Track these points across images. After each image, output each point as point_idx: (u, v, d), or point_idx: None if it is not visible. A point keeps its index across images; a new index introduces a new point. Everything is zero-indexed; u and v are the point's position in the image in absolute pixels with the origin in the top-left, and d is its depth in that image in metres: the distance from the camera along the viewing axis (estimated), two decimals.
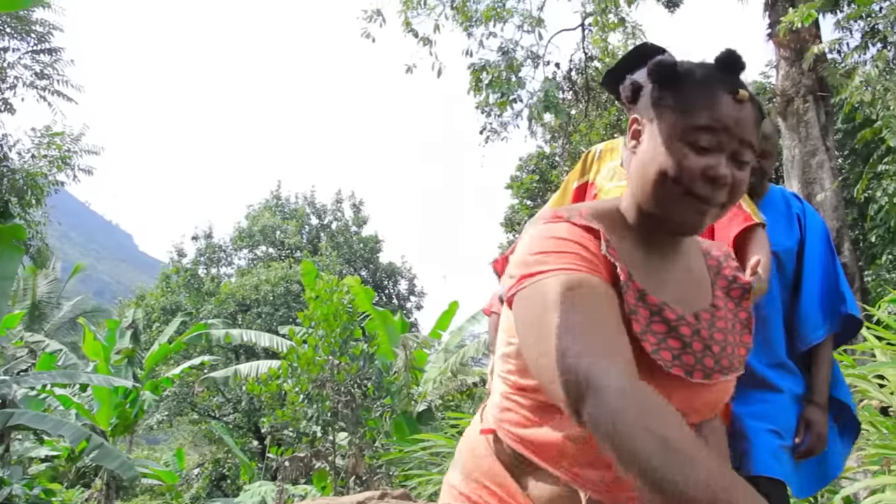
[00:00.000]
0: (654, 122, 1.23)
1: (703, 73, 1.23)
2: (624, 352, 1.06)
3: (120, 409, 13.59)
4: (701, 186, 1.19)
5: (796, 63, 9.10)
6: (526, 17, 10.87)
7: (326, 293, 10.05)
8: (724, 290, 1.39)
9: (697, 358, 1.23)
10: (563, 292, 1.09)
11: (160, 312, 23.60)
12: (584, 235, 1.19)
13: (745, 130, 1.21)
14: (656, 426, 0.93)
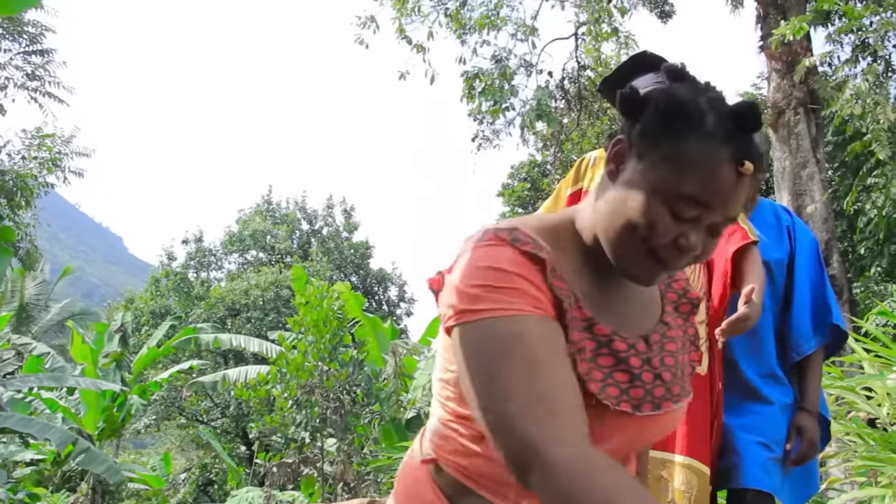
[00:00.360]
0: (641, 162, 1.11)
1: (713, 123, 1.07)
2: (572, 408, 1.00)
3: (107, 412, 13.52)
4: (667, 252, 1.10)
5: (788, 75, 9.15)
6: (519, 26, 10.90)
7: (316, 299, 10.03)
8: (673, 305, 1.32)
9: (647, 390, 1.16)
10: (506, 340, 1.02)
11: (149, 316, 23.52)
12: (528, 266, 1.09)
13: (734, 208, 1.10)
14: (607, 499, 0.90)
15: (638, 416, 1.14)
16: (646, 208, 1.08)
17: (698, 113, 1.08)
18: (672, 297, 1.32)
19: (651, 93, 1.14)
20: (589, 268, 1.19)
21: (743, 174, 1.07)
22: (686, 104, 1.09)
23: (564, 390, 1.02)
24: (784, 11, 9.39)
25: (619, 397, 1.12)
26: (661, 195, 1.08)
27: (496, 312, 1.04)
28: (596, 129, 14.63)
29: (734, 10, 11.72)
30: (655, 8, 12.70)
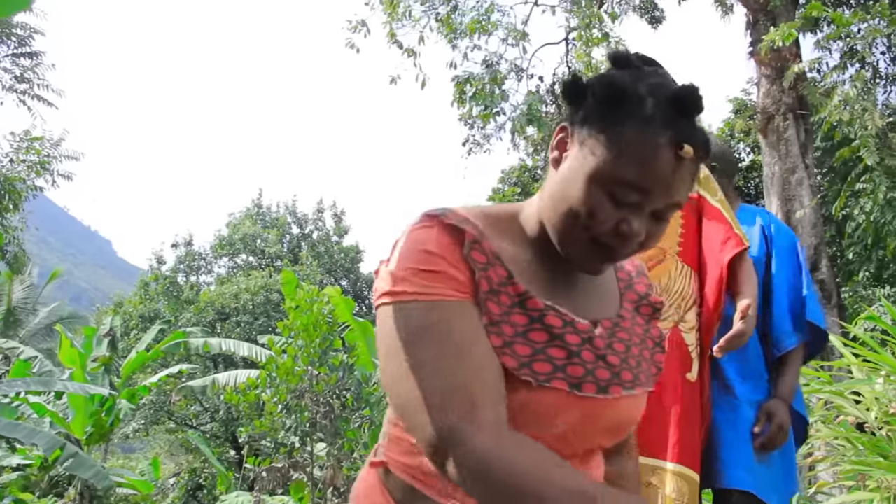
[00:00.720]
0: (582, 149, 1.10)
1: (652, 107, 1.05)
2: (490, 394, 1.01)
3: (95, 417, 13.44)
4: (610, 238, 1.09)
5: (777, 81, 9.21)
6: (510, 31, 10.93)
7: (306, 303, 10.01)
8: (633, 305, 1.30)
9: (587, 369, 1.12)
10: (423, 326, 1.03)
11: (138, 320, 23.41)
12: (450, 243, 1.09)
13: (677, 193, 1.09)
14: (527, 479, 0.92)
15: (580, 397, 1.11)
16: (586, 195, 1.07)
17: (637, 98, 1.07)
18: (632, 297, 1.31)
19: (591, 79, 1.13)
20: (538, 257, 1.18)
21: (683, 158, 1.06)
22: (624, 90, 1.08)
23: (481, 377, 1.01)
24: (773, 18, 9.46)
25: (550, 374, 1.09)
26: (601, 181, 1.07)
27: (417, 297, 1.05)
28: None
29: (724, 16, 11.79)
30: (646, 14, 12.77)
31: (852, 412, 4.08)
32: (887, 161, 8.31)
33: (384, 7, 10.64)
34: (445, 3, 10.68)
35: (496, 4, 10.84)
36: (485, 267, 1.10)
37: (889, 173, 8.50)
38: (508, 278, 1.11)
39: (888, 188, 8.42)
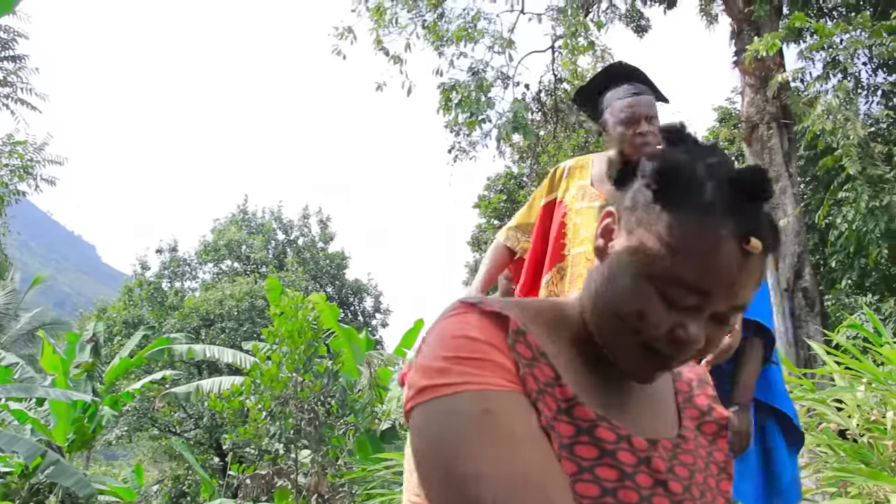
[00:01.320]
0: (630, 240, 0.95)
1: (712, 192, 0.90)
2: (565, 497, 0.85)
3: (78, 424, 13.33)
4: (663, 345, 0.94)
5: (761, 90, 9.29)
6: (496, 39, 10.96)
7: (291, 309, 9.99)
8: (694, 422, 1.10)
9: (643, 496, 0.93)
10: (474, 416, 0.85)
11: (122, 326, 23.25)
12: (495, 330, 0.94)
13: (742, 293, 0.92)
14: None
15: None
16: (635, 295, 0.92)
17: (694, 181, 0.92)
18: (692, 414, 1.11)
19: (647, 160, 0.98)
20: (584, 359, 1.01)
21: (749, 252, 0.90)
22: (679, 171, 0.93)
23: (550, 473, 0.86)
24: (757, 28, 9.54)
25: (597, 499, 0.91)
26: (653, 280, 0.91)
27: (461, 387, 0.88)
28: (572, 142, 14.71)
29: (709, 26, 11.88)
30: (631, 22, 12.83)
31: (834, 419, 4.11)
32: (869, 170, 8.38)
33: (371, 14, 10.65)
34: (432, 11, 10.70)
35: (483, 12, 10.87)
36: (530, 363, 0.94)
37: (871, 182, 8.57)
38: (555, 379, 0.95)
39: (870, 197, 8.49)
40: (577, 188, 2.82)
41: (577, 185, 2.82)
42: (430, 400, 0.89)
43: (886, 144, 9.11)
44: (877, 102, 10.36)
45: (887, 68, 9.96)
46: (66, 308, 79.23)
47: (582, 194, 2.79)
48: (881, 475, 3.44)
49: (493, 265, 2.97)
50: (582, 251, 2.72)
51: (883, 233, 8.54)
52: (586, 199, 2.77)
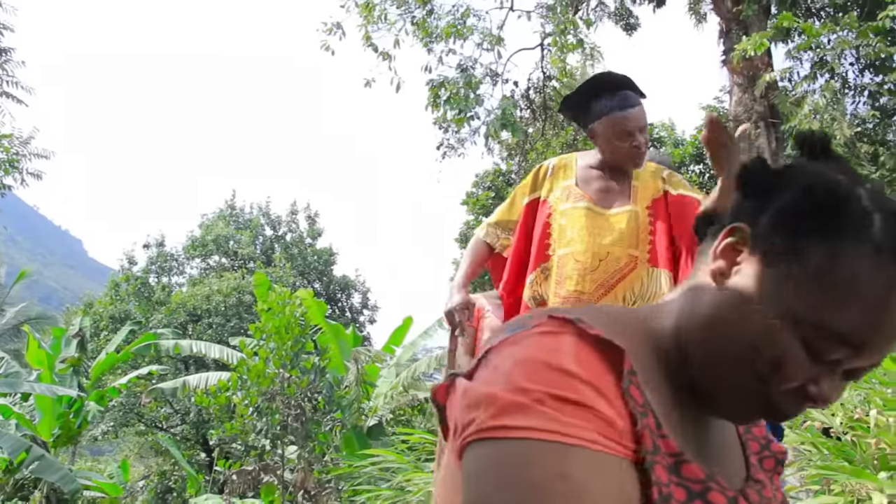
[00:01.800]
0: (770, 271, 0.77)
1: (883, 230, 0.74)
2: None
3: (63, 419, 13.29)
4: (786, 400, 0.78)
5: (749, 89, 9.32)
6: (486, 36, 10.95)
7: (278, 305, 9.97)
8: (757, 458, 0.95)
9: None
10: (542, 481, 0.66)
11: (108, 321, 23.15)
12: (598, 364, 0.73)
13: (892, 347, 0.76)
14: None
15: None
16: (774, 339, 0.76)
17: (862, 213, 0.74)
18: (754, 448, 0.96)
19: (793, 171, 0.81)
20: (668, 387, 0.83)
21: None
22: (843, 197, 0.75)
23: None
24: (746, 27, 9.58)
25: None
26: (799, 326, 0.75)
27: (540, 434, 0.68)
28: (561, 140, 14.73)
29: (698, 25, 11.92)
30: (621, 20, 12.86)
31: (818, 417, 4.13)
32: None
33: (360, 10, 10.63)
34: (421, 7, 10.68)
35: (472, 9, 10.87)
36: (644, 412, 0.75)
37: None
38: (658, 428, 0.77)
39: None
40: (562, 189, 2.82)
41: (562, 186, 2.83)
42: (496, 440, 0.70)
43: (872, 144, 9.17)
44: (863, 103, 10.41)
45: (874, 69, 10.01)
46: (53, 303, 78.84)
47: (567, 195, 2.79)
48: (864, 473, 3.46)
49: (474, 260, 2.96)
50: (568, 252, 2.71)
51: None
52: (571, 199, 2.77)
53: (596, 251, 2.66)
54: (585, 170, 2.84)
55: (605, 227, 2.70)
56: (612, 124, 2.68)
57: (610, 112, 2.68)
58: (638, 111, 2.68)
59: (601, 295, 2.63)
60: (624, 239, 2.68)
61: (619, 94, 2.69)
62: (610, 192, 2.78)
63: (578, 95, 2.83)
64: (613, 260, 2.66)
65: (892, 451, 3.61)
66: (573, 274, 2.66)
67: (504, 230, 2.96)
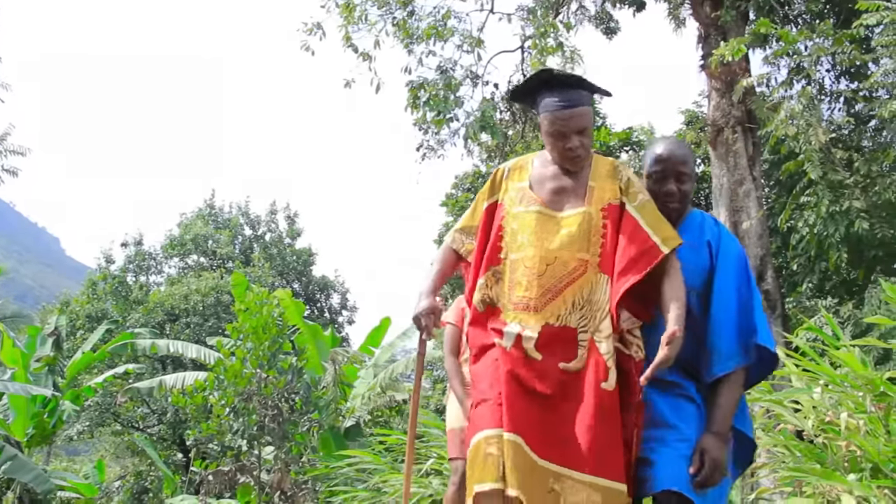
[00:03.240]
0: None
1: None
2: None
3: (37, 418, 13.17)
4: None
5: (727, 94, 9.39)
6: (466, 38, 10.95)
7: (256, 305, 9.94)
8: None
9: None
10: None
11: (85, 320, 22.97)
12: None
13: None
14: None
15: None
16: None
17: None
18: None
19: None
20: None
21: None
22: None
23: None
24: (724, 33, 9.64)
25: None
26: None
27: None
28: (540, 142, 14.73)
29: (677, 30, 11.98)
30: (601, 24, 12.89)
31: (791, 420, 4.18)
32: (830, 175, 8.50)
33: (340, 10, 10.60)
34: (402, 8, 10.67)
35: (453, 10, 10.85)
36: None
37: (832, 187, 8.70)
38: None
39: (830, 202, 8.61)
40: (516, 190, 2.81)
41: (516, 188, 2.82)
42: None
43: (847, 150, 9.24)
44: (839, 109, 10.51)
45: (849, 76, 10.10)
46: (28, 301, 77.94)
47: (520, 197, 2.78)
48: (834, 475, 3.51)
49: (442, 266, 2.94)
50: (519, 258, 2.69)
51: (842, 237, 8.66)
52: (524, 202, 2.76)
53: (544, 255, 2.63)
54: (540, 169, 2.82)
55: (554, 231, 2.67)
56: (549, 122, 2.69)
57: (548, 110, 2.68)
58: (578, 112, 2.66)
59: (548, 300, 2.60)
60: (574, 242, 2.64)
61: (564, 93, 2.67)
62: (563, 193, 2.74)
63: (526, 87, 2.85)
64: (561, 264, 2.62)
65: (862, 454, 3.66)
66: (522, 279, 2.65)
67: (468, 235, 2.94)
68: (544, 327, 2.59)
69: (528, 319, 2.61)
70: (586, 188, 2.74)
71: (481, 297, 2.76)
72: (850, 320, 10.63)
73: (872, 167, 9.02)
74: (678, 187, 2.76)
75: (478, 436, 2.53)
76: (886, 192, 8.74)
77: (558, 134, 2.67)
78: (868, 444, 3.60)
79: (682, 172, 2.76)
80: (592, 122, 2.72)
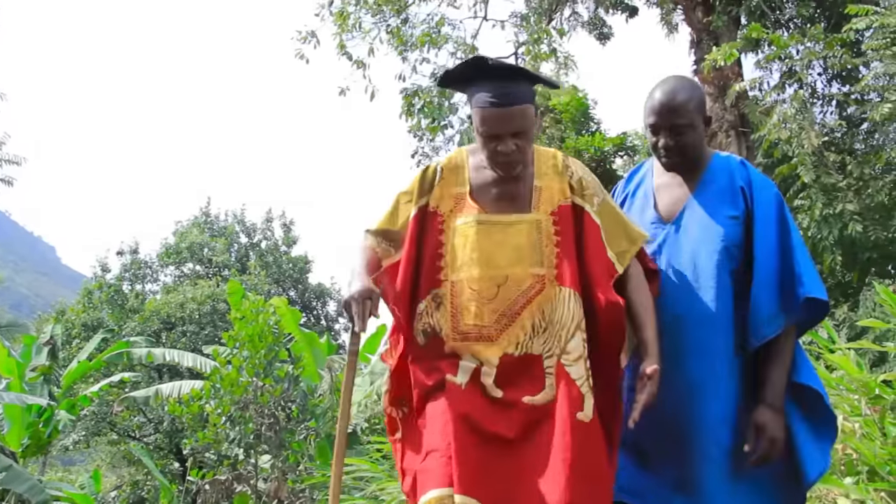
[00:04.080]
0: None
1: None
2: None
3: (32, 428, 13.12)
4: None
5: (720, 99, 9.44)
6: (460, 45, 11.00)
7: (252, 313, 9.92)
8: None
9: None
10: None
11: (81, 329, 22.91)
12: None
13: None
14: None
15: None
16: None
17: None
18: None
19: None
20: None
21: None
22: None
23: None
24: (716, 38, 9.70)
25: None
26: None
27: None
28: (543, 143, 14.78)
29: (669, 35, 12.05)
30: (594, 30, 12.95)
31: None
32: (823, 179, 8.55)
33: (334, 19, 10.64)
34: (396, 16, 10.72)
35: (446, 18, 10.92)
36: None
37: (825, 190, 8.74)
38: None
39: (824, 205, 8.65)
40: (454, 198, 2.40)
41: (454, 194, 2.41)
42: None
43: (840, 153, 9.31)
44: (831, 112, 10.58)
45: (841, 79, 10.17)
46: (24, 310, 77.84)
47: (460, 207, 2.38)
48: (830, 478, 3.51)
49: (368, 257, 2.46)
50: (463, 279, 2.31)
51: (836, 240, 8.70)
52: (464, 213, 2.37)
53: (493, 275, 2.27)
54: (478, 171, 2.41)
55: (501, 245, 2.29)
56: (479, 120, 2.26)
57: (479, 105, 2.25)
58: (515, 112, 2.22)
59: (504, 326, 2.25)
60: (524, 256, 2.28)
61: (499, 86, 2.23)
62: (506, 198, 2.36)
63: (458, 74, 2.40)
64: (514, 283, 2.27)
65: (858, 457, 3.67)
66: (470, 305, 2.28)
67: (389, 242, 2.48)
68: (503, 358, 2.24)
69: (484, 351, 2.25)
70: (532, 190, 2.37)
71: (422, 326, 2.35)
72: (845, 323, 10.64)
73: (865, 170, 9.06)
74: (675, 140, 2.44)
75: (425, 496, 2.13)
76: (879, 195, 8.78)
77: (489, 135, 2.25)
78: (864, 447, 3.60)
79: (676, 125, 2.42)
80: (534, 122, 2.29)
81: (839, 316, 11.15)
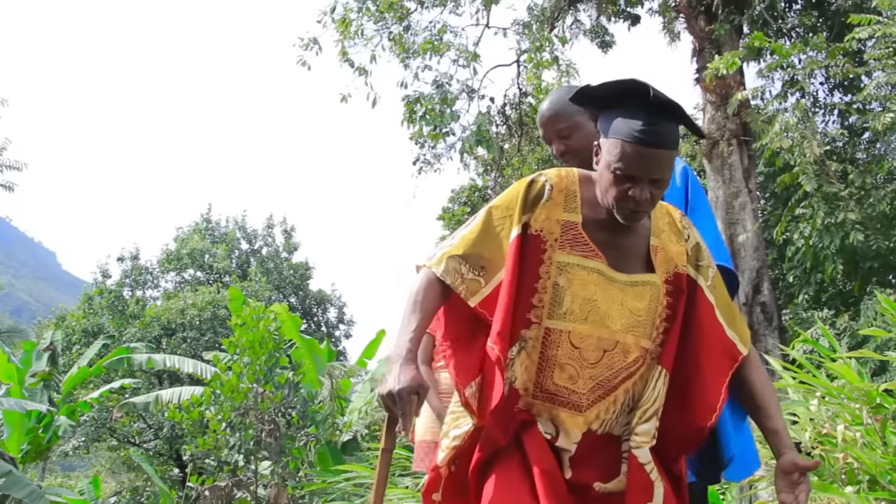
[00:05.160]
0: None
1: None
2: None
3: (32, 434, 13.10)
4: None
5: (722, 107, 9.45)
6: (462, 52, 11.02)
7: (252, 320, 9.93)
8: None
9: None
10: None
11: (81, 334, 22.90)
12: None
13: None
14: None
15: None
16: None
17: None
18: None
19: None
20: None
21: None
22: None
23: None
24: (718, 46, 9.71)
25: None
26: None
27: None
28: (536, 156, 14.80)
29: (671, 44, 12.04)
30: (596, 38, 12.96)
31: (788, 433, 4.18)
32: (825, 188, 8.54)
33: (336, 25, 10.67)
34: (398, 23, 10.74)
35: (448, 25, 10.94)
36: None
37: (826, 200, 8.73)
38: None
39: (826, 214, 8.65)
40: (560, 226, 1.96)
41: (561, 221, 1.96)
42: None
43: (842, 162, 9.31)
44: (833, 121, 10.60)
45: (843, 88, 10.19)
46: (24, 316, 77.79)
47: (571, 240, 1.95)
48: (832, 488, 3.50)
49: (426, 312, 1.95)
50: (564, 329, 1.91)
51: (838, 249, 8.70)
52: (577, 250, 1.94)
53: (603, 337, 1.90)
54: (591, 206, 1.98)
55: (620, 305, 1.92)
56: (618, 154, 1.83)
57: (624, 137, 1.82)
58: (660, 155, 1.82)
59: (598, 397, 1.91)
60: (640, 324, 1.93)
61: (655, 122, 1.82)
62: (622, 248, 1.98)
63: (598, 93, 1.92)
64: (622, 352, 1.91)
65: (859, 466, 3.66)
66: (567, 364, 1.90)
67: (474, 267, 1.97)
68: (585, 434, 1.91)
69: (568, 420, 1.91)
70: (649, 248, 2.00)
71: (509, 374, 1.93)
72: (847, 332, 10.64)
73: (867, 179, 9.07)
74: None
75: None
76: (881, 204, 8.78)
77: (626, 175, 1.83)
78: (865, 456, 3.60)
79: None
80: (672, 170, 1.89)
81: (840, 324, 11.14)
